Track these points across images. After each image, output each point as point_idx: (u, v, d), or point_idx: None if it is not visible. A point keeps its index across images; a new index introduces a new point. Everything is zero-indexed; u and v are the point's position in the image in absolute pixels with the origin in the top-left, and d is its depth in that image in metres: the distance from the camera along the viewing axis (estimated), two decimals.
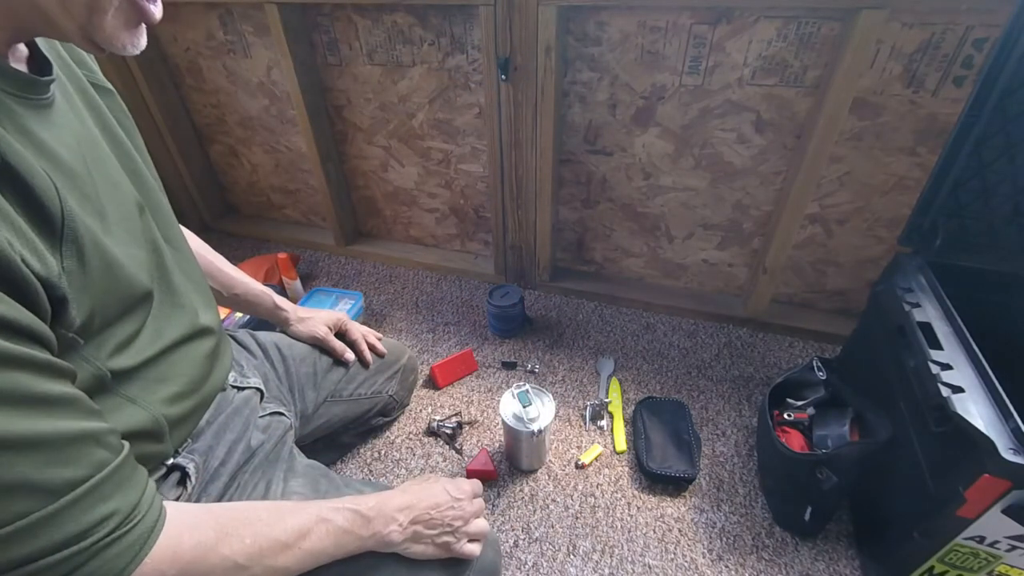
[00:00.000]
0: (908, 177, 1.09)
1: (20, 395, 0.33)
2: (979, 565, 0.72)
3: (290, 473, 0.68)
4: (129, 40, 0.41)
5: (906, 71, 0.98)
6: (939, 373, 0.71)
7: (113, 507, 0.37)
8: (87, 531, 0.35)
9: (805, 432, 0.92)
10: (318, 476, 0.69)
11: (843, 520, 0.96)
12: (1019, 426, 0.62)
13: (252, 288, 0.87)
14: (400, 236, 1.72)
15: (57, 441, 0.35)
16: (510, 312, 1.34)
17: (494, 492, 1.02)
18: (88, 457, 0.37)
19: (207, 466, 0.60)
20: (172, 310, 0.56)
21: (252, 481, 0.64)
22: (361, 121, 1.47)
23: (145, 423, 0.50)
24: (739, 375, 1.25)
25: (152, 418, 0.50)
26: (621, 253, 1.47)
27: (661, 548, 0.92)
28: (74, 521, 0.35)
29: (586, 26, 1.12)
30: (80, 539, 0.35)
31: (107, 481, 0.38)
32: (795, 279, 1.34)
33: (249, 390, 0.71)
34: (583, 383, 1.25)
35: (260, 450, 0.66)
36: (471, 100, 1.31)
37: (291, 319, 0.90)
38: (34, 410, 0.34)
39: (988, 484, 0.63)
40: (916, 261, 0.91)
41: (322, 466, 0.73)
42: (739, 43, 1.04)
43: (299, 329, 0.89)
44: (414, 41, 1.27)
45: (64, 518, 0.34)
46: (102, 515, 0.36)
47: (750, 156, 1.18)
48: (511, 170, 1.33)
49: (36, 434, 0.34)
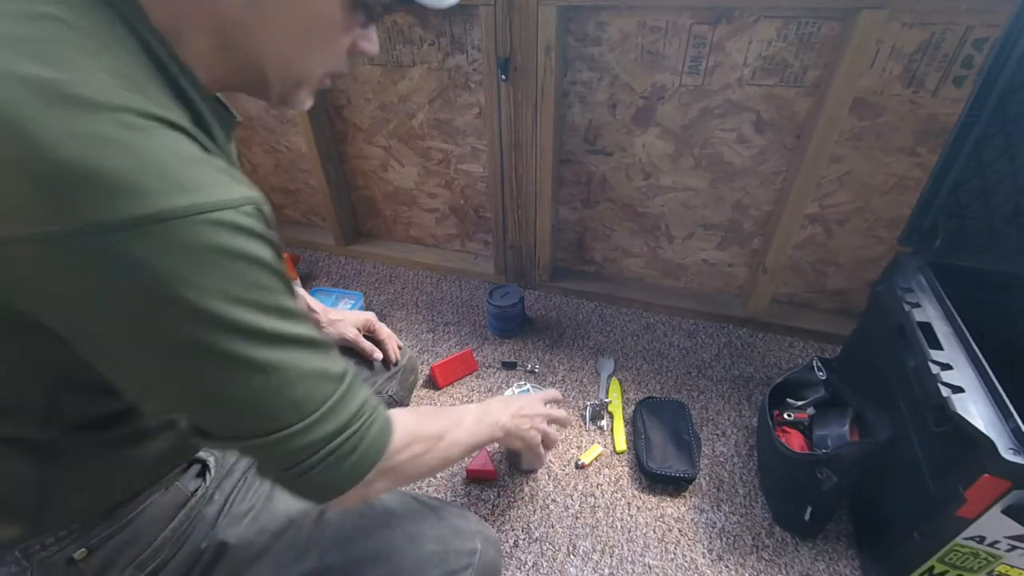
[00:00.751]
0: (908, 177, 1.10)
1: (303, 313, 0.41)
2: (979, 565, 0.72)
3: None
4: (309, 102, 0.48)
5: (906, 71, 0.98)
6: (939, 373, 0.71)
7: (364, 395, 0.45)
8: (359, 410, 0.44)
9: (805, 432, 0.92)
10: None
11: (843, 520, 0.96)
12: (1019, 426, 0.62)
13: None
14: (400, 236, 1.72)
15: (328, 345, 0.43)
16: (510, 312, 1.34)
17: (494, 492, 1.02)
18: (340, 360, 0.44)
19: (224, 461, 0.61)
20: None
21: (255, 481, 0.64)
22: (361, 121, 1.47)
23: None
24: (739, 375, 1.25)
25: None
26: (621, 253, 1.47)
27: (661, 548, 0.92)
28: (353, 400, 0.43)
29: (586, 26, 1.12)
30: (358, 417, 0.43)
31: (356, 377, 0.45)
32: (795, 279, 1.34)
33: None
34: (583, 383, 1.25)
35: None
36: (471, 100, 1.31)
37: (322, 321, 0.89)
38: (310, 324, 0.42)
39: (988, 484, 0.63)
40: (916, 261, 0.91)
41: None
42: (739, 43, 1.04)
43: (329, 332, 0.89)
44: (414, 41, 1.27)
45: (347, 399, 0.43)
46: (362, 399, 0.44)
47: (750, 156, 1.18)
48: (511, 170, 1.33)
49: (320, 339, 0.42)
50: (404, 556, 0.61)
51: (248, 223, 0.35)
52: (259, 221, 0.36)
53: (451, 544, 0.64)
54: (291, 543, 0.58)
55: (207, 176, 0.34)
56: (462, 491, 1.03)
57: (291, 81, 0.44)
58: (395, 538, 0.62)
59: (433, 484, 1.04)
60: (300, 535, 0.59)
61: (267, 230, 0.37)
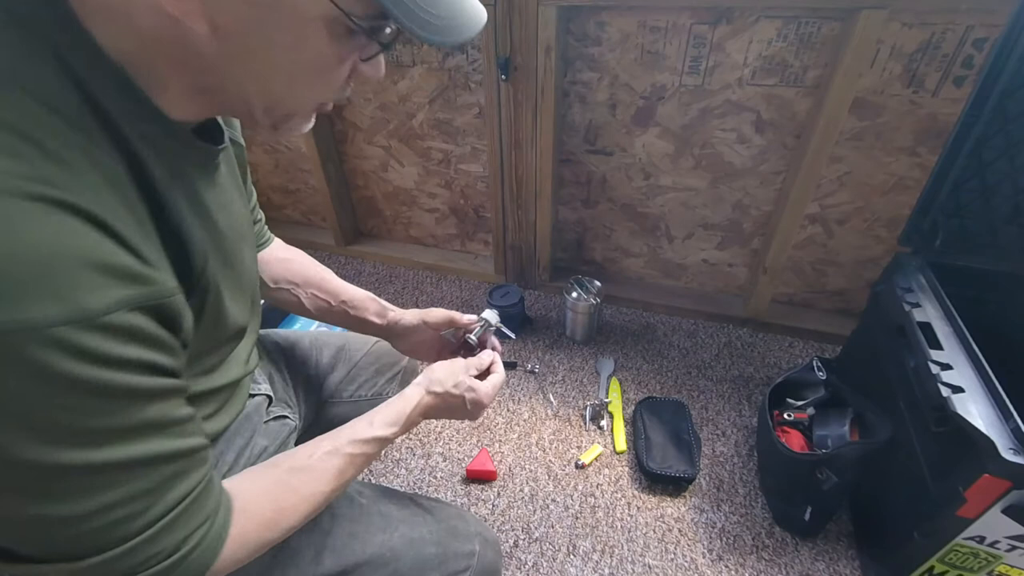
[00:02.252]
0: (908, 177, 1.09)
1: (170, 420, 0.38)
2: (979, 565, 0.72)
3: None
4: (304, 128, 0.45)
5: (906, 71, 0.98)
6: (939, 373, 0.71)
7: (206, 512, 0.41)
8: (181, 543, 0.39)
9: (805, 432, 0.92)
10: None
11: (843, 520, 0.96)
12: (1019, 426, 0.62)
13: (356, 294, 0.80)
14: (400, 236, 1.72)
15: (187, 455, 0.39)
16: (510, 312, 1.34)
17: (494, 492, 1.02)
18: (200, 469, 0.41)
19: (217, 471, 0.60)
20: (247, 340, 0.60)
21: None
22: (361, 121, 1.47)
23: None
24: (739, 375, 1.25)
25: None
26: (621, 253, 1.47)
27: (661, 548, 0.92)
28: (182, 527, 0.39)
29: (586, 26, 1.12)
30: (177, 549, 0.38)
31: (205, 488, 0.41)
32: (795, 279, 1.34)
33: (260, 396, 0.71)
34: (583, 383, 1.25)
35: (263, 455, 0.66)
36: (471, 100, 1.31)
37: (393, 317, 0.81)
38: (177, 429, 0.38)
39: (988, 484, 0.63)
40: (916, 261, 0.91)
41: None
42: (739, 43, 1.04)
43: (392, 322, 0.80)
44: (414, 41, 1.27)
45: (168, 529, 0.38)
46: (198, 522, 0.40)
47: (750, 156, 1.18)
48: (511, 170, 1.33)
49: (177, 450, 0.38)
50: (402, 560, 0.61)
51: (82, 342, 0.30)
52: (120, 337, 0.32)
53: (449, 547, 0.64)
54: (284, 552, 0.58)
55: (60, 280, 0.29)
56: (462, 491, 1.03)
57: (280, 114, 0.42)
58: (392, 542, 0.62)
59: (432, 484, 1.04)
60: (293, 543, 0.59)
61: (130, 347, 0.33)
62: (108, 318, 0.31)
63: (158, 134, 0.38)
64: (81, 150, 0.32)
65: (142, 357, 0.34)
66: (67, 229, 0.30)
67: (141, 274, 0.34)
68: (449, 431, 1.14)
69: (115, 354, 0.32)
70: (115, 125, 0.34)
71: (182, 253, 0.41)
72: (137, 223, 0.35)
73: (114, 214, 0.33)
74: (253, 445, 0.66)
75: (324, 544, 0.60)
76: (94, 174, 0.32)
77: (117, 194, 0.34)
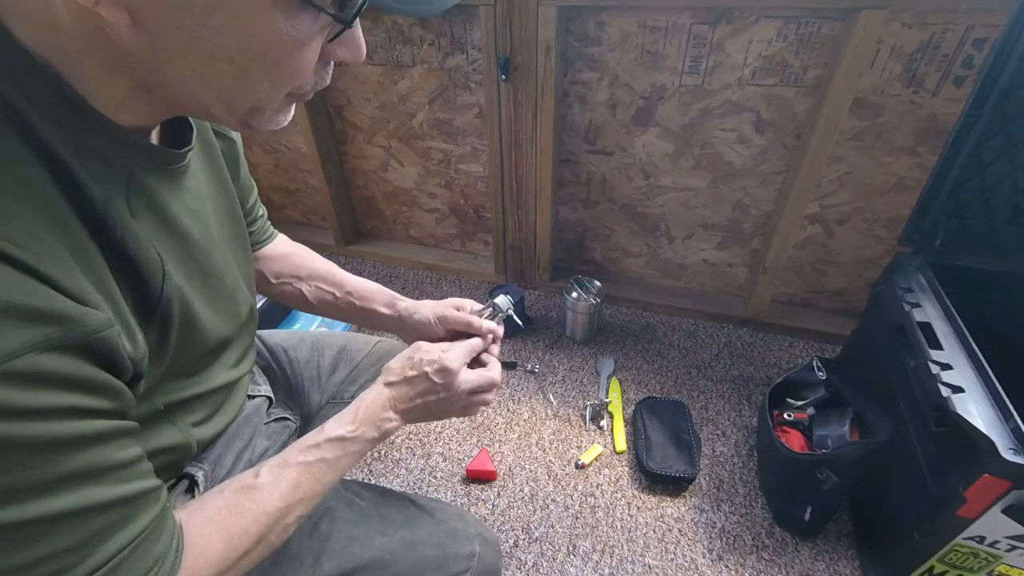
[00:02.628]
0: (908, 177, 1.09)
1: (106, 466, 0.34)
2: (979, 565, 0.72)
3: None
4: (281, 122, 0.40)
5: (906, 71, 0.98)
6: (939, 373, 0.71)
7: (153, 558, 0.37)
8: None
9: (805, 432, 0.92)
10: None
11: (843, 520, 0.96)
12: (1019, 426, 0.62)
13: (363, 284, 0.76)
14: (400, 236, 1.72)
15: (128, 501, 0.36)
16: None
17: (494, 492, 1.02)
18: (146, 514, 0.37)
19: (215, 475, 0.60)
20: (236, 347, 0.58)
21: None
22: (361, 121, 1.47)
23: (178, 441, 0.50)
24: (739, 375, 1.25)
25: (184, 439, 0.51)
26: (621, 253, 1.47)
27: (661, 548, 0.92)
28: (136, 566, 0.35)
29: (586, 26, 1.12)
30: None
31: (152, 533, 0.37)
32: (795, 279, 1.34)
33: (260, 398, 0.70)
34: (583, 383, 1.25)
35: (263, 457, 0.66)
36: (471, 100, 1.31)
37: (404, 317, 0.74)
38: (115, 475, 0.35)
39: (988, 484, 0.63)
40: (916, 261, 0.91)
41: None
42: (739, 43, 1.04)
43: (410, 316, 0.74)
44: (414, 41, 1.27)
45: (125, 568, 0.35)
46: (142, 571, 0.36)
47: (750, 156, 1.18)
48: (511, 170, 1.33)
49: (116, 498, 0.35)
50: (402, 562, 0.61)
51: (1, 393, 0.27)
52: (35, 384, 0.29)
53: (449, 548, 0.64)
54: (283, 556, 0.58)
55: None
56: (462, 491, 1.03)
57: (243, 109, 0.36)
58: (391, 545, 0.62)
59: (432, 484, 1.04)
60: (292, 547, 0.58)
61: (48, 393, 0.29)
62: (12, 364, 0.28)
63: (98, 143, 0.34)
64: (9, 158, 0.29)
65: (62, 403, 0.31)
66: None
67: (56, 311, 0.30)
68: (449, 431, 1.14)
69: (24, 404, 0.29)
70: (40, 138, 0.31)
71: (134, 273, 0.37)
72: (67, 249, 0.31)
73: (30, 245, 0.29)
74: (253, 447, 0.66)
75: (323, 548, 0.60)
76: (6, 196, 0.28)
77: (41, 220, 0.30)
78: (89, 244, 0.33)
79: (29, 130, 0.30)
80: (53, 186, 0.31)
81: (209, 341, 0.49)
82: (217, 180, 0.53)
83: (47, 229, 0.30)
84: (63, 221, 0.31)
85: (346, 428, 0.53)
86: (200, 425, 0.54)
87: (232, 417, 0.61)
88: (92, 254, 0.33)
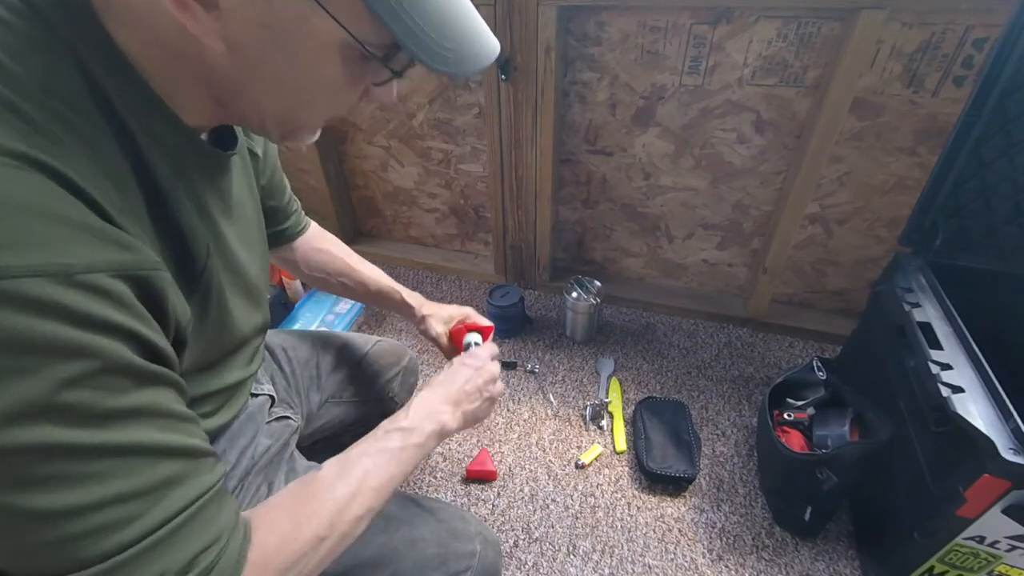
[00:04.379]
0: (908, 177, 1.09)
1: (167, 411, 0.35)
2: (979, 565, 0.72)
3: (291, 475, 0.68)
4: (311, 139, 0.46)
5: (906, 71, 0.98)
6: (939, 373, 0.71)
7: (217, 529, 0.36)
8: (195, 559, 0.34)
9: (805, 432, 0.92)
10: None
11: (843, 520, 0.96)
12: (1019, 426, 0.62)
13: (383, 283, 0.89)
14: (400, 236, 1.72)
15: (188, 454, 0.36)
16: (510, 312, 1.34)
17: (494, 492, 1.02)
18: (206, 476, 0.37)
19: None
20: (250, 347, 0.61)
21: (255, 483, 0.64)
22: (361, 121, 1.46)
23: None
24: (739, 375, 1.25)
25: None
26: (621, 253, 1.47)
27: (661, 548, 0.92)
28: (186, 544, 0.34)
29: (586, 26, 1.12)
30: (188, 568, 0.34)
31: (214, 500, 0.37)
32: (795, 279, 1.34)
33: (262, 397, 0.71)
34: (583, 383, 1.25)
35: (266, 455, 0.66)
36: (471, 100, 1.31)
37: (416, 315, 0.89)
38: (174, 424, 0.35)
39: (988, 484, 0.63)
40: (916, 261, 0.91)
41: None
42: (739, 43, 1.04)
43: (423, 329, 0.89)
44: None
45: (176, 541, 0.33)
46: (206, 541, 0.35)
47: (750, 156, 1.18)
48: (511, 170, 1.33)
49: (176, 445, 0.35)
50: (403, 561, 0.61)
51: (68, 299, 0.28)
52: (101, 298, 0.29)
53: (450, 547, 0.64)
54: None
55: (32, 231, 0.28)
56: (462, 491, 1.03)
57: (290, 127, 0.43)
58: (393, 543, 0.62)
59: (432, 484, 1.04)
60: None
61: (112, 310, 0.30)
62: (89, 277, 0.28)
63: (166, 133, 0.38)
64: (73, 129, 0.31)
65: (129, 325, 0.31)
66: (44, 187, 0.29)
67: (123, 239, 0.32)
68: None
69: (97, 315, 0.29)
70: (120, 118, 0.35)
71: (182, 247, 0.41)
72: (124, 201, 0.34)
73: (95, 186, 0.31)
74: (256, 444, 0.66)
75: None
76: (81, 149, 0.31)
77: (106, 173, 0.33)
78: (143, 208, 0.36)
79: (114, 115, 0.34)
80: (124, 160, 0.35)
81: (235, 336, 0.52)
82: (250, 190, 0.57)
83: (108, 181, 0.33)
84: (125, 183, 0.35)
85: (402, 421, 0.56)
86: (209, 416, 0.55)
87: (235, 414, 0.62)
88: (144, 216, 0.36)
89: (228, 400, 0.59)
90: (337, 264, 0.86)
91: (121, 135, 0.35)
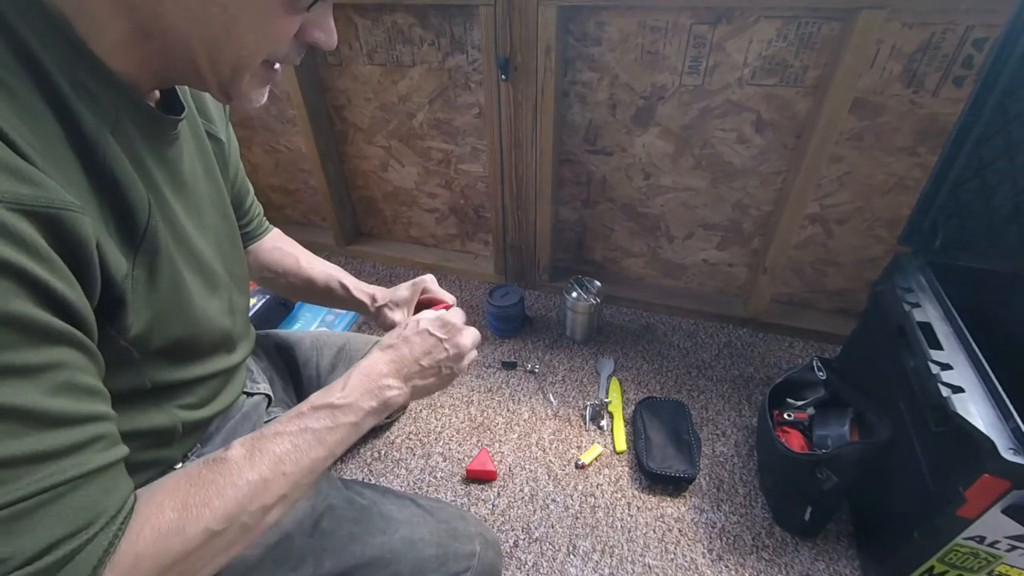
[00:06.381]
0: (908, 177, 1.09)
1: (62, 379, 0.31)
2: (979, 565, 0.72)
3: None
4: (257, 97, 0.44)
5: (906, 71, 0.98)
6: (939, 373, 0.71)
7: (101, 507, 0.33)
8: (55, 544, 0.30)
9: (805, 432, 0.92)
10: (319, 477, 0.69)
11: (843, 520, 0.96)
12: (1019, 426, 0.62)
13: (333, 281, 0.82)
14: (400, 236, 1.72)
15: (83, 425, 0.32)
16: (510, 312, 1.34)
17: (494, 492, 1.02)
18: (97, 455, 0.33)
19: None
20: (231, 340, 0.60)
21: None
22: (361, 121, 1.47)
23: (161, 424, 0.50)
24: (739, 375, 1.25)
25: (171, 422, 0.51)
26: (621, 253, 1.47)
27: (661, 548, 0.92)
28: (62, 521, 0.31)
29: (586, 26, 1.12)
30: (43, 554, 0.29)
31: (99, 479, 0.33)
32: (795, 279, 1.34)
33: (258, 396, 0.71)
34: (583, 383, 1.25)
35: None
36: (471, 100, 1.31)
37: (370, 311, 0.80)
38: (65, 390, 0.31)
39: (988, 484, 0.63)
40: (916, 261, 0.91)
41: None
42: (739, 43, 1.04)
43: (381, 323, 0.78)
44: (414, 41, 1.27)
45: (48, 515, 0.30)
46: (83, 522, 0.32)
47: (750, 156, 1.18)
48: (511, 170, 1.33)
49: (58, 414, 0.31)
50: (403, 561, 0.61)
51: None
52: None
53: (450, 547, 0.64)
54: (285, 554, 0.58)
55: None
56: (462, 491, 1.03)
57: (226, 68, 0.40)
58: (393, 543, 0.62)
59: (432, 484, 1.04)
60: (294, 545, 0.59)
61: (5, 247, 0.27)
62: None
63: (91, 82, 0.37)
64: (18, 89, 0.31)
65: (25, 267, 0.28)
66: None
67: (31, 174, 0.29)
68: (449, 431, 1.14)
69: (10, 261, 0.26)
70: (41, 66, 0.33)
71: (117, 198, 0.38)
72: (49, 150, 0.32)
73: (13, 127, 0.30)
74: None
75: (324, 546, 0.60)
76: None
77: (24, 120, 0.31)
78: (72, 159, 0.35)
79: (33, 61, 0.33)
80: (47, 110, 0.33)
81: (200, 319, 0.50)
82: (207, 172, 0.56)
83: (25, 123, 0.31)
84: (48, 135, 0.33)
85: (335, 395, 0.48)
86: (191, 408, 0.54)
87: (223, 408, 0.61)
88: (73, 165, 0.35)
89: (215, 393, 0.58)
90: (287, 262, 0.79)
91: (43, 83, 0.33)
